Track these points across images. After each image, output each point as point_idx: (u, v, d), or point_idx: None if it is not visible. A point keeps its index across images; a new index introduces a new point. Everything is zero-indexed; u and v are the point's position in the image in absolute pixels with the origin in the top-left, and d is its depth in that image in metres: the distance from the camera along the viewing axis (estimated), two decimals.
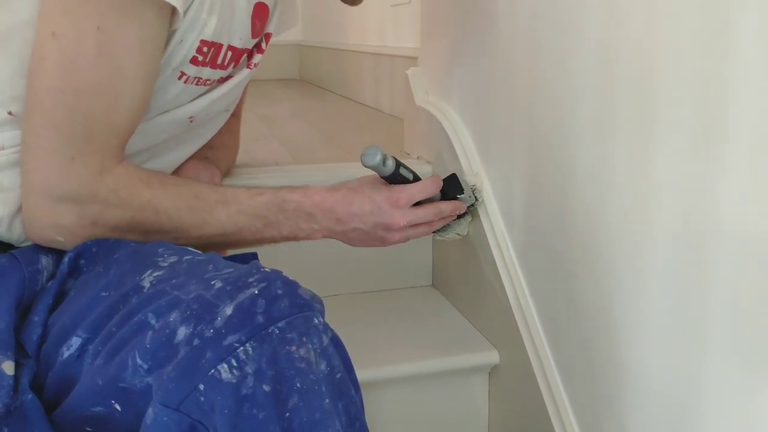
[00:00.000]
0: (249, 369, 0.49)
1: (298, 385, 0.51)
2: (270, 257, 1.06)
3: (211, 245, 0.74)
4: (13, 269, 0.65)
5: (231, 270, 0.57)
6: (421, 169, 1.13)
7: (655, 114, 0.60)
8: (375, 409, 0.93)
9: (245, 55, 0.82)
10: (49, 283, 0.66)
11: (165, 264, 0.61)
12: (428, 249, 1.15)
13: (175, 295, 0.55)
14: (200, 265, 0.60)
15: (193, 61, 0.73)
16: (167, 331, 0.52)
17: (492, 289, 0.93)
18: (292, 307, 0.53)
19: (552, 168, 0.78)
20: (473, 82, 0.99)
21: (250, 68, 0.84)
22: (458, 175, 0.89)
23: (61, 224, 0.66)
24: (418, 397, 0.95)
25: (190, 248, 0.66)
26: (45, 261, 0.67)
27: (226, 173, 1.04)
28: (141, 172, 0.71)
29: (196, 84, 0.76)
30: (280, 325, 0.51)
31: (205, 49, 0.73)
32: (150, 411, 0.51)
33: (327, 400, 0.52)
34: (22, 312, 0.63)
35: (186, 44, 0.71)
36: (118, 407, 0.56)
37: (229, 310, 0.51)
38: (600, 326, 0.71)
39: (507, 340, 0.91)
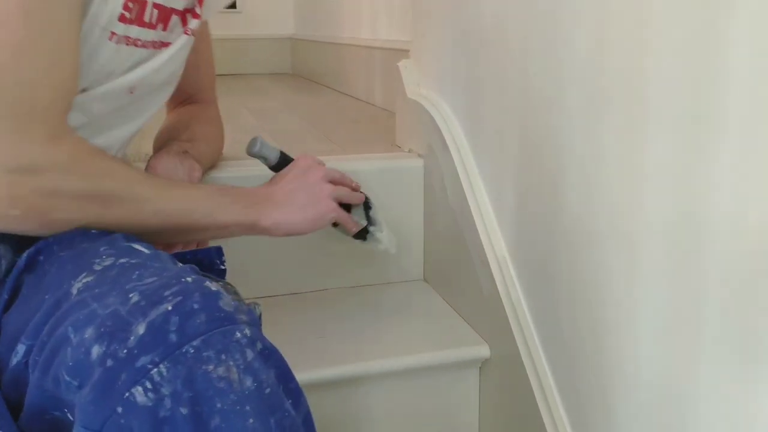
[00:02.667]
0: (165, 391, 0.47)
1: (219, 405, 0.48)
2: (257, 253, 1.05)
3: (167, 228, 0.72)
4: None
5: (153, 279, 0.54)
6: (412, 163, 1.13)
7: (645, 104, 0.59)
8: (364, 404, 0.92)
9: (177, 17, 0.80)
10: (6, 279, 0.63)
11: (98, 268, 0.58)
12: (420, 243, 1.15)
13: (93, 308, 0.53)
14: (129, 271, 0.57)
15: (122, 18, 0.71)
16: (83, 348, 0.50)
17: (483, 284, 0.93)
18: (210, 322, 0.50)
19: (543, 160, 0.77)
20: (465, 74, 0.98)
21: (188, 34, 0.82)
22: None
23: (16, 196, 0.62)
24: (409, 392, 0.94)
25: (137, 244, 0.64)
26: (2, 248, 0.65)
27: (211, 167, 1.02)
28: (92, 145, 0.69)
29: (127, 44, 0.75)
30: (194, 343, 0.49)
31: (130, 5, 0.72)
32: None
33: (251, 420, 0.50)
34: None
35: (110, 1, 0.69)
36: (70, 416, 0.53)
37: (141, 329, 0.49)
38: (590, 319, 0.70)
39: (497, 334, 0.90)
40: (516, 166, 0.85)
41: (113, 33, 0.72)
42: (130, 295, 0.52)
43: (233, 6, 3.12)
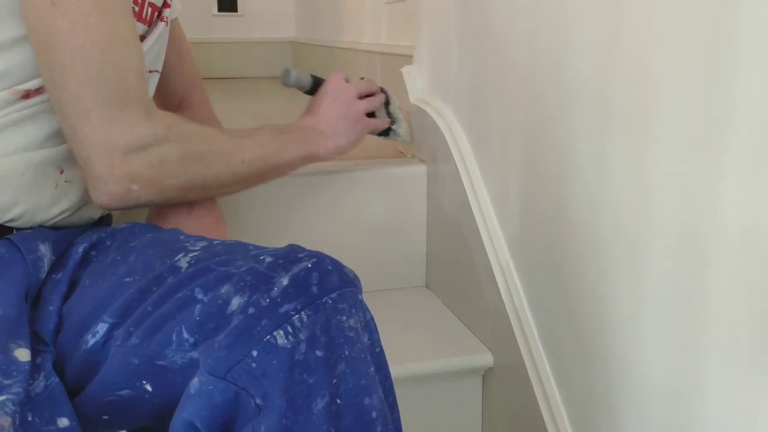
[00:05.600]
0: (302, 336, 0.52)
1: (347, 352, 0.53)
2: None
3: (251, 174, 0.79)
4: (14, 259, 0.64)
5: (275, 248, 0.60)
6: (415, 169, 1.12)
7: (652, 109, 0.59)
8: None
9: (157, 12, 0.86)
10: (60, 274, 0.66)
11: (196, 248, 0.63)
12: (422, 249, 1.14)
13: (223, 270, 0.57)
14: (237, 246, 0.63)
15: (132, 13, 0.76)
16: (219, 302, 0.55)
17: (486, 291, 0.92)
18: (342, 282, 0.56)
19: (548, 166, 0.77)
20: (469, 80, 0.98)
21: (164, 21, 0.87)
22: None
23: (134, 172, 0.68)
24: (411, 400, 0.94)
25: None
26: (43, 248, 0.67)
27: None
28: (175, 114, 0.77)
29: None
30: (333, 296, 0.54)
31: (139, 0, 0.78)
32: (195, 380, 0.53)
33: (371, 369, 0.55)
34: (31, 301, 0.63)
35: None
36: (149, 387, 0.57)
37: (285, 281, 0.54)
38: (596, 327, 0.70)
39: (501, 342, 0.90)
40: (520, 173, 0.84)
41: None
42: (262, 257, 0.57)
43: (234, 9, 3.12)
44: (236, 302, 0.54)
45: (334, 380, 0.52)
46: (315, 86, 0.99)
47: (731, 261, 0.52)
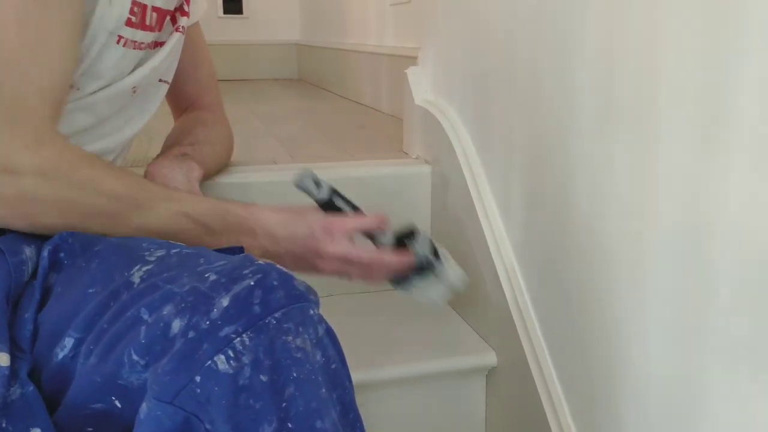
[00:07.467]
0: (246, 359, 0.49)
1: (295, 374, 0.51)
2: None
3: (152, 236, 0.70)
4: None
5: (224, 262, 0.57)
6: (419, 169, 1.13)
7: (657, 111, 0.59)
8: (370, 411, 0.92)
9: (169, 17, 0.83)
10: (35, 279, 0.64)
11: (153, 258, 0.60)
12: None
13: (167, 288, 0.55)
14: (191, 258, 0.60)
15: (128, 23, 0.74)
16: (161, 324, 0.52)
17: (490, 290, 0.92)
18: (288, 298, 0.53)
19: (552, 167, 0.77)
20: (473, 81, 0.98)
21: (180, 31, 0.85)
22: (418, 231, 0.81)
23: (1, 196, 0.63)
24: (415, 400, 0.94)
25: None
26: (28, 251, 0.66)
27: (217, 171, 1.01)
28: (82, 152, 0.69)
29: (134, 48, 0.77)
30: (277, 315, 0.51)
31: (136, 9, 0.74)
32: (144, 406, 0.51)
33: (323, 390, 0.52)
34: (13, 305, 0.62)
35: (116, 5, 0.71)
36: (118, 404, 0.56)
37: (225, 302, 0.51)
38: (599, 327, 0.70)
39: (505, 341, 0.90)
40: (524, 173, 0.84)
41: (120, 37, 0.74)
42: (207, 275, 0.54)
43: (240, 11, 3.13)
44: (177, 325, 0.51)
45: (283, 404, 0.50)
46: (330, 203, 0.77)
47: (734, 263, 0.52)
